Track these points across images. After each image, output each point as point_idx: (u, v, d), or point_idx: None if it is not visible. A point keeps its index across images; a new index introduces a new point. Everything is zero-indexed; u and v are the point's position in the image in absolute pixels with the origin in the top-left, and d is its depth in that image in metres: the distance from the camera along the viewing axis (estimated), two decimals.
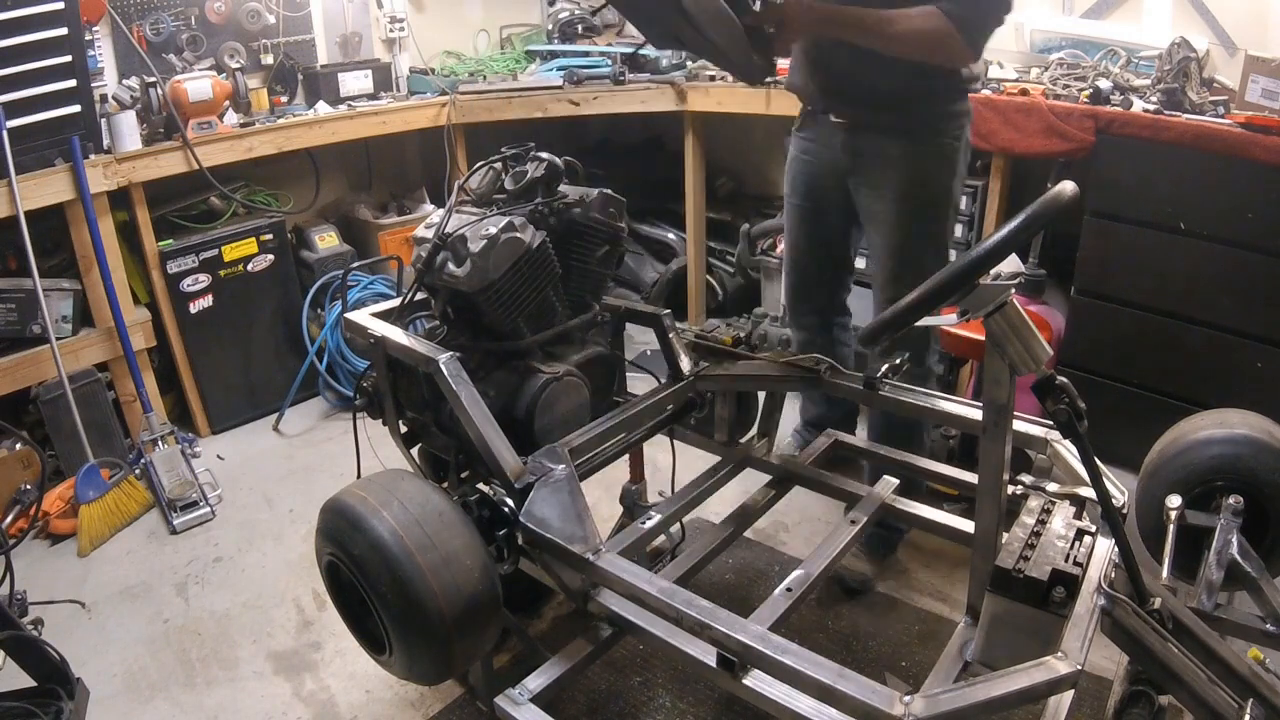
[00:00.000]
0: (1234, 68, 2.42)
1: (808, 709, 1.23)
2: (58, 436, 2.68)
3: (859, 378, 1.75)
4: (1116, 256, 2.42)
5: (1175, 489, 1.63)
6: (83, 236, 2.66)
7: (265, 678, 2.02)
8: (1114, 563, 1.19)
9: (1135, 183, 2.32)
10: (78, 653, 2.01)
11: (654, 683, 1.92)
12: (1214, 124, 2.21)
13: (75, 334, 2.76)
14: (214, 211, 3.09)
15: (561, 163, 1.86)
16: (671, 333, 1.94)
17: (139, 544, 2.55)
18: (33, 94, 2.48)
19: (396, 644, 1.41)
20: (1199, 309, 2.33)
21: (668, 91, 3.31)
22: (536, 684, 1.48)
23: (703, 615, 1.26)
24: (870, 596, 2.18)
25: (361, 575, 1.39)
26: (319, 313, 3.21)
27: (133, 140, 2.71)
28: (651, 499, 2.17)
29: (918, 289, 1.26)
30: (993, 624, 1.18)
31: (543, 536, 1.44)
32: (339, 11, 3.42)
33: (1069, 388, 1.16)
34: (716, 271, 3.77)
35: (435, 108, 3.33)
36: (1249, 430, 1.63)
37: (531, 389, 1.74)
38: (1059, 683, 1.04)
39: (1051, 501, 1.31)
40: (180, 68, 2.99)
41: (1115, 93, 2.39)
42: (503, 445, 1.56)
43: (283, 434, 3.15)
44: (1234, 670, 1.16)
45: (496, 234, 1.66)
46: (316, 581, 2.02)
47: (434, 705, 1.90)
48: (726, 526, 1.81)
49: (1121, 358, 2.49)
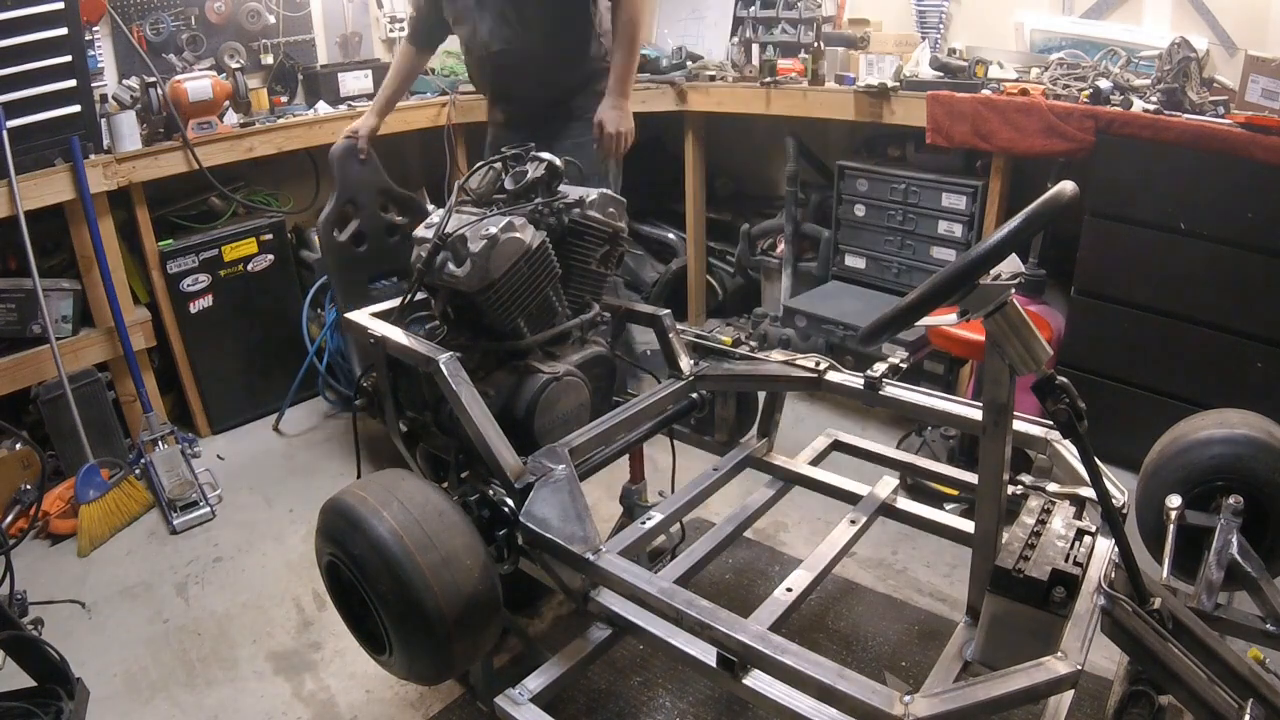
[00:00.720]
0: (1234, 68, 2.43)
1: (808, 709, 1.23)
2: (58, 436, 2.68)
3: (859, 377, 1.76)
4: (1116, 256, 2.43)
5: (1175, 489, 1.62)
6: (83, 236, 2.66)
7: (265, 678, 2.02)
8: (1114, 563, 1.19)
9: (1135, 183, 2.32)
10: (78, 653, 2.01)
11: (654, 683, 1.92)
12: (1214, 124, 2.21)
13: (75, 334, 2.76)
14: (214, 211, 3.09)
15: (561, 163, 1.86)
16: (671, 333, 1.94)
17: (139, 544, 2.55)
18: (33, 94, 2.48)
19: (396, 644, 1.41)
20: (1199, 309, 2.33)
21: (668, 91, 3.31)
22: (536, 684, 1.48)
23: (703, 615, 1.26)
24: (870, 596, 2.18)
25: (361, 575, 1.39)
26: (319, 313, 3.21)
27: (133, 140, 2.71)
28: (651, 499, 2.17)
29: (918, 288, 1.26)
30: (993, 624, 1.18)
31: (543, 536, 1.44)
32: (339, 11, 3.42)
33: (1069, 388, 1.16)
34: (716, 271, 3.78)
35: (435, 108, 3.33)
36: (1249, 430, 1.63)
37: (531, 389, 1.74)
38: (1059, 683, 1.04)
39: (1051, 501, 1.31)
40: (180, 68, 3.00)
41: (1115, 93, 2.39)
42: (503, 445, 1.56)
43: (283, 434, 3.15)
44: (1234, 670, 1.16)
45: (496, 234, 1.66)
46: (316, 581, 2.02)
47: (434, 705, 1.90)
48: (726, 526, 1.81)
49: (1121, 358, 2.49)
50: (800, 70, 3.08)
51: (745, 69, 3.29)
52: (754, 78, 3.18)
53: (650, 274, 3.77)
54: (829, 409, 3.05)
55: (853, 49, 2.99)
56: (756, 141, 3.78)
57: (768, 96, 3.08)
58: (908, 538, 2.34)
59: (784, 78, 3.08)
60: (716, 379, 1.91)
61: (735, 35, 3.49)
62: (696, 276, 3.70)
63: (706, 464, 1.94)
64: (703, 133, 3.46)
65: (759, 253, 3.51)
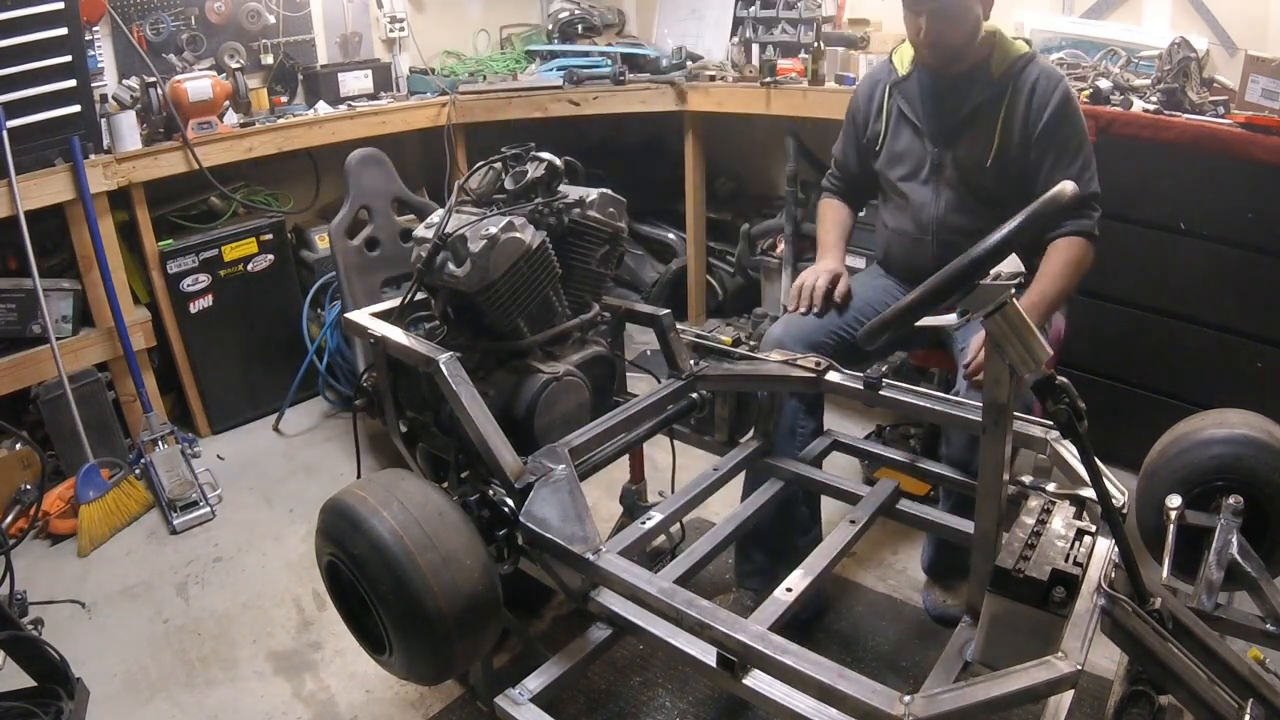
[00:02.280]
0: (1234, 68, 2.42)
1: (808, 709, 1.23)
2: (58, 436, 2.68)
3: (859, 377, 1.76)
4: (1116, 256, 2.42)
5: (1175, 489, 1.62)
6: (83, 236, 2.66)
7: (265, 678, 2.02)
8: (1114, 563, 1.19)
9: (1135, 183, 2.32)
10: (78, 653, 2.01)
11: (654, 683, 1.92)
12: (1214, 124, 2.21)
13: (75, 334, 2.76)
14: (214, 211, 3.09)
15: (561, 163, 1.86)
16: (671, 333, 1.94)
17: (139, 544, 2.55)
18: (33, 94, 2.48)
19: (396, 644, 1.41)
20: (1199, 309, 2.33)
21: (668, 91, 3.31)
22: (536, 684, 1.48)
23: (703, 615, 1.25)
24: (870, 596, 2.18)
25: (361, 575, 1.39)
26: (319, 313, 3.21)
27: (133, 140, 2.71)
28: (651, 499, 2.17)
29: (918, 289, 1.26)
30: (993, 624, 1.18)
31: (543, 536, 1.43)
32: (339, 11, 3.42)
33: (1069, 388, 1.16)
34: (716, 271, 3.78)
35: (435, 108, 3.33)
36: (1249, 430, 1.63)
37: (531, 389, 1.74)
38: (1059, 683, 1.03)
39: (1051, 501, 1.31)
40: (180, 68, 2.99)
41: (1115, 93, 2.38)
42: (503, 445, 1.56)
43: (283, 434, 3.15)
44: (1234, 670, 1.16)
45: (496, 234, 1.66)
46: (316, 581, 2.02)
47: (434, 705, 1.90)
48: (726, 526, 1.81)
49: (1121, 358, 2.49)
50: (800, 70, 3.08)
51: (745, 69, 3.29)
52: (754, 78, 3.18)
53: (650, 274, 3.77)
54: (829, 409, 3.04)
55: (853, 49, 2.99)
56: (756, 141, 3.78)
57: (768, 96, 3.08)
58: (908, 538, 2.34)
59: (784, 78, 3.08)
60: (716, 379, 1.91)
61: (735, 35, 3.49)
62: (696, 276, 3.70)
63: (706, 464, 1.94)
64: (703, 133, 3.45)
65: (759, 253, 3.51)
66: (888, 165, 2.12)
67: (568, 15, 3.79)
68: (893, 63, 2.10)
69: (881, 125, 2.10)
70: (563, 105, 3.33)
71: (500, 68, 3.66)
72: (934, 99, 2.02)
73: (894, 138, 2.09)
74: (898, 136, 2.08)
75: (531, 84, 3.41)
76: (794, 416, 1.99)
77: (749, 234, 3.49)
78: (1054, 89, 1.91)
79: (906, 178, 2.08)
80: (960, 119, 1.98)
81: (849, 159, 2.24)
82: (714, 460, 1.96)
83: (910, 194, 2.08)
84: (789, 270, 3.29)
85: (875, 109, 2.12)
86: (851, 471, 2.56)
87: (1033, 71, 1.93)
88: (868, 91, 2.15)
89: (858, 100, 2.18)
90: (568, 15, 3.79)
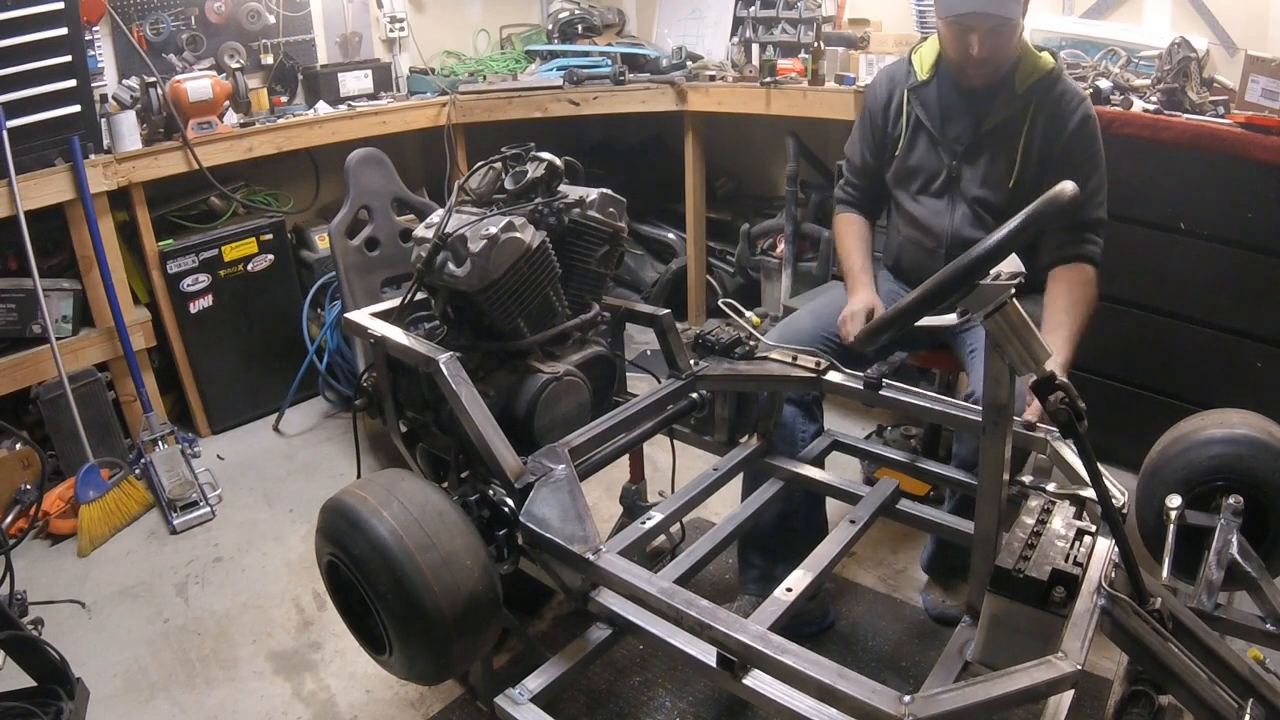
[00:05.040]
0: (1234, 68, 2.43)
1: (808, 709, 1.23)
2: (58, 436, 2.68)
3: (859, 377, 1.76)
4: (1116, 256, 2.41)
5: (1175, 489, 1.62)
6: (83, 236, 2.66)
7: (265, 678, 2.02)
8: (1114, 563, 1.19)
9: (1135, 183, 2.32)
10: (78, 653, 2.01)
11: (654, 683, 1.92)
12: (1214, 124, 2.21)
13: (75, 334, 2.76)
14: (214, 211, 3.09)
15: (561, 163, 1.86)
16: (671, 332, 1.94)
17: (139, 544, 2.55)
18: (33, 94, 2.48)
19: (396, 644, 1.41)
20: (1199, 309, 2.33)
21: (668, 91, 3.31)
22: (536, 684, 1.48)
23: (703, 615, 1.25)
24: (870, 596, 2.18)
25: (361, 575, 1.39)
26: (319, 313, 3.21)
27: (133, 140, 2.71)
28: (651, 499, 2.17)
29: (918, 289, 1.26)
30: (993, 624, 1.18)
31: (543, 536, 1.43)
32: (339, 11, 3.42)
33: (1069, 388, 1.16)
34: (716, 271, 3.78)
35: (435, 108, 3.33)
36: (1249, 430, 1.63)
37: (531, 389, 1.74)
38: (1059, 683, 1.03)
39: (1051, 501, 1.31)
40: (180, 68, 2.99)
41: (1115, 93, 2.39)
42: (503, 445, 1.56)
43: (283, 434, 3.15)
44: (1234, 670, 1.16)
45: (496, 234, 1.65)
46: (316, 581, 2.02)
47: (434, 705, 1.90)
48: (726, 526, 1.81)
49: (1121, 358, 2.49)
50: (800, 70, 3.08)
51: (745, 69, 3.29)
52: (754, 78, 3.18)
53: (650, 274, 3.77)
54: (829, 409, 3.04)
55: (853, 49, 2.99)
56: (756, 141, 3.79)
57: (768, 96, 3.08)
58: (908, 538, 2.34)
59: (784, 78, 3.08)
60: (716, 379, 1.91)
61: (735, 35, 3.50)
62: (696, 276, 3.70)
63: (706, 464, 1.94)
64: (703, 132, 3.46)
65: (759, 253, 3.52)
66: (898, 181, 2.08)
67: (568, 15, 3.79)
68: (912, 65, 2.04)
69: (900, 130, 2.05)
70: (563, 105, 3.33)
71: (500, 68, 3.66)
72: (955, 110, 1.96)
73: (910, 146, 2.04)
74: (914, 145, 2.03)
75: (531, 84, 3.41)
76: (794, 416, 1.99)
77: (749, 234, 3.50)
78: (1075, 109, 1.87)
79: (920, 191, 2.05)
80: (981, 134, 1.94)
81: (865, 158, 2.16)
82: (714, 460, 1.96)
83: (923, 207, 2.04)
84: (789, 270, 3.30)
85: (894, 113, 2.06)
86: (851, 471, 2.56)
87: (1057, 90, 1.88)
88: (885, 93, 2.09)
89: (875, 100, 2.11)
90: (568, 15, 3.79)
